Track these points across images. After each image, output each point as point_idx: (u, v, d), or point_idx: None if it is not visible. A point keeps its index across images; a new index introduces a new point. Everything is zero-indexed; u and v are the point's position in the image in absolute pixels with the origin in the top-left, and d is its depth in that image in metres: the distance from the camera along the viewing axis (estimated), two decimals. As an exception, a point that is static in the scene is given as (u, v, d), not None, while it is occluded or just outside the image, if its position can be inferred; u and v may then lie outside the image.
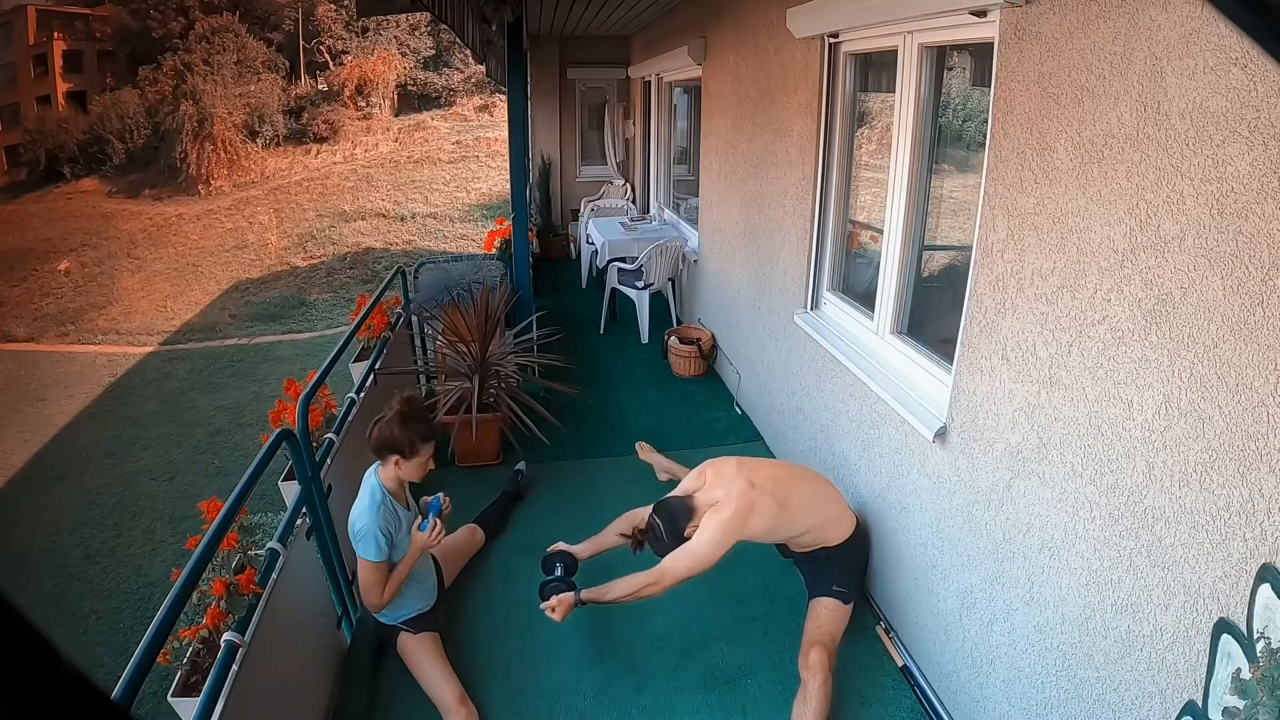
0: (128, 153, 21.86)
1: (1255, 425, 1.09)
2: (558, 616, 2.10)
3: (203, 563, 1.48)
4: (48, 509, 7.69)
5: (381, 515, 2.00)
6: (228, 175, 20.67)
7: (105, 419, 10.30)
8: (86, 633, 5.47)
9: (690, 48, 4.53)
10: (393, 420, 2.01)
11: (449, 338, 3.70)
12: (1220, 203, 1.13)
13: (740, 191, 3.90)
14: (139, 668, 1.18)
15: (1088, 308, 1.43)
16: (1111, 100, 1.33)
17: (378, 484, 2.04)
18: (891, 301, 2.43)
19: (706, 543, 2.06)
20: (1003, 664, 1.76)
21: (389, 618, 2.16)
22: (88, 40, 26.60)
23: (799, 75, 2.96)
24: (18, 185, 23.16)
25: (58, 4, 27.07)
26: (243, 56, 23.20)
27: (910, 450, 2.17)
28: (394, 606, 2.13)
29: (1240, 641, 1.08)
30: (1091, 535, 1.44)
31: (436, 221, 18.28)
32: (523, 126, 4.40)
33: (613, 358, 4.88)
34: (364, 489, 2.05)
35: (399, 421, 2.00)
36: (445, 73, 23.90)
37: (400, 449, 2.01)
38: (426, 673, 2.10)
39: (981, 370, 1.80)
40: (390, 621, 2.17)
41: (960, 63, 2.30)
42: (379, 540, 1.97)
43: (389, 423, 2.01)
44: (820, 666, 2.00)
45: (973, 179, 1.95)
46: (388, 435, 2.00)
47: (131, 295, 16.40)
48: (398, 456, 2.02)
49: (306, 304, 15.24)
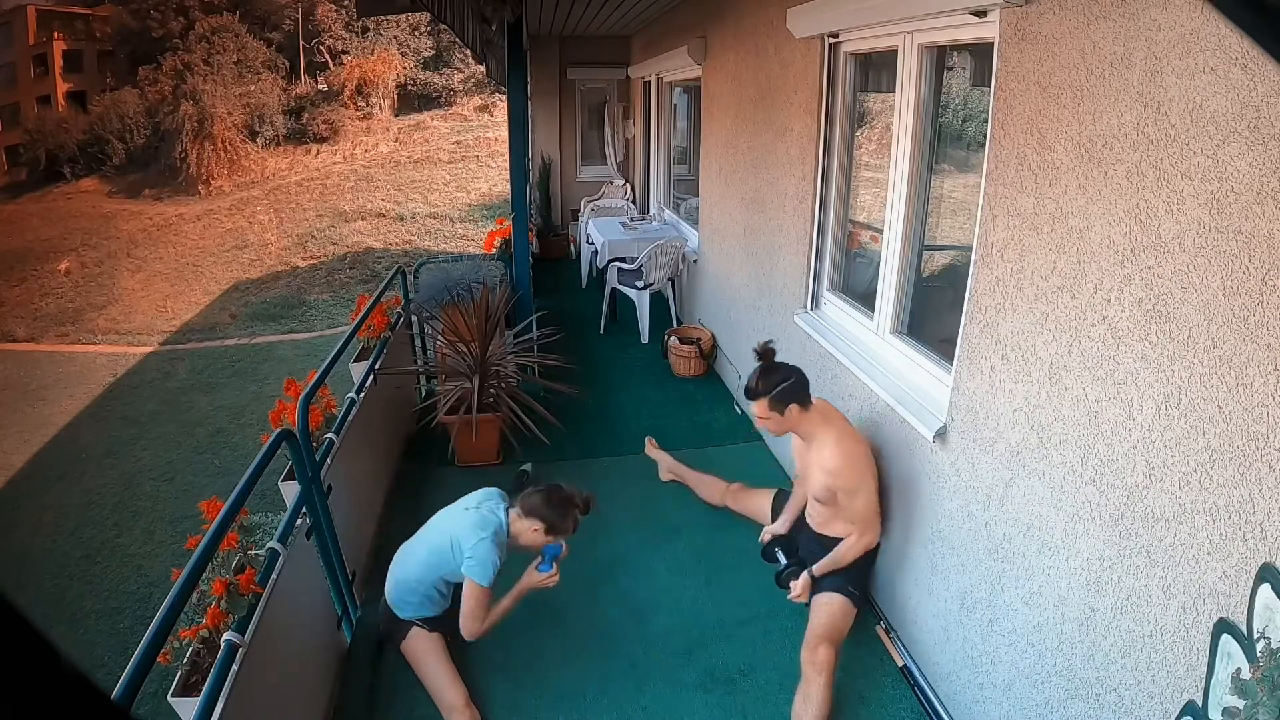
0: (128, 153, 21.85)
1: (1255, 425, 1.09)
2: (805, 599, 2.20)
3: (203, 563, 1.48)
4: (48, 509, 7.68)
5: (500, 548, 2.07)
6: (228, 175, 20.67)
7: (105, 419, 10.29)
8: (86, 633, 5.46)
9: (690, 48, 4.53)
10: (570, 504, 2.10)
11: (449, 338, 3.70)
12: (1220, 203, 1.13)
13: (740, 191, 3.90)
14: (139, 668, 1.18)
15: (1088, 308, 1.43)
16: (1111, 100, 1.33)
17: (505, 522, 2.12)
18: (891, 301, 2.43)
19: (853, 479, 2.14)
20: (1002, 664, 1.76)
21: (408, 613, 2.17)
22: (88, 40, 26.60)
23: (799, 75, 2.96)
24: (18, 185, 23.16)
25: (58, 4, 27.06)
26: (243, 56, 23.20)
27: (910, 450, 2.17)
28: (420, 605, 2.15)
29: (1240, 641, 1.08)
30: (1091, 535, 1.44)
31: (436, 221, 18.28)
32: (523, 126, 4.40)
33: (613, 358, 4.88)
34: (485, 519, 2.10)
35: (576, 511, 2.11)
36: (445, 73, 23.90)
37: (554, 528, 2.10)
38: (433, 672, 2.10)
39: (981, 370, 1.80)
40: (408, 617, 2.17)
41: (960, 63, 2.30)
42: (494, 568, 2.03)
43: (565, 503, 2.10)
44: (827, 664, 2.00)
45: (973, 179, 1.95)
46: (554, 513, 2.08)
47: (131, 295, 16.40)
48: (544, 527, 2.09)
49: (306, 304, 15.23)
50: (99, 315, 15.66)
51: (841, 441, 2.15)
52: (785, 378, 2.16)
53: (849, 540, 2.22)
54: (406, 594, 2.16)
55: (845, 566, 2.22)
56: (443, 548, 2.10)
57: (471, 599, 2.04)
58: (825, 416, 2.22)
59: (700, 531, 2.90)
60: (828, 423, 2.20)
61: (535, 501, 2.11)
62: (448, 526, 2.13)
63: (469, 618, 2.05)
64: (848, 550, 2.22)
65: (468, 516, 2.12)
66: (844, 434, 2.18)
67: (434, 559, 2.12)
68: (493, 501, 2.18)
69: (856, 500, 2.16)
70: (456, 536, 2.08)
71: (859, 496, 2.16)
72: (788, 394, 2.14)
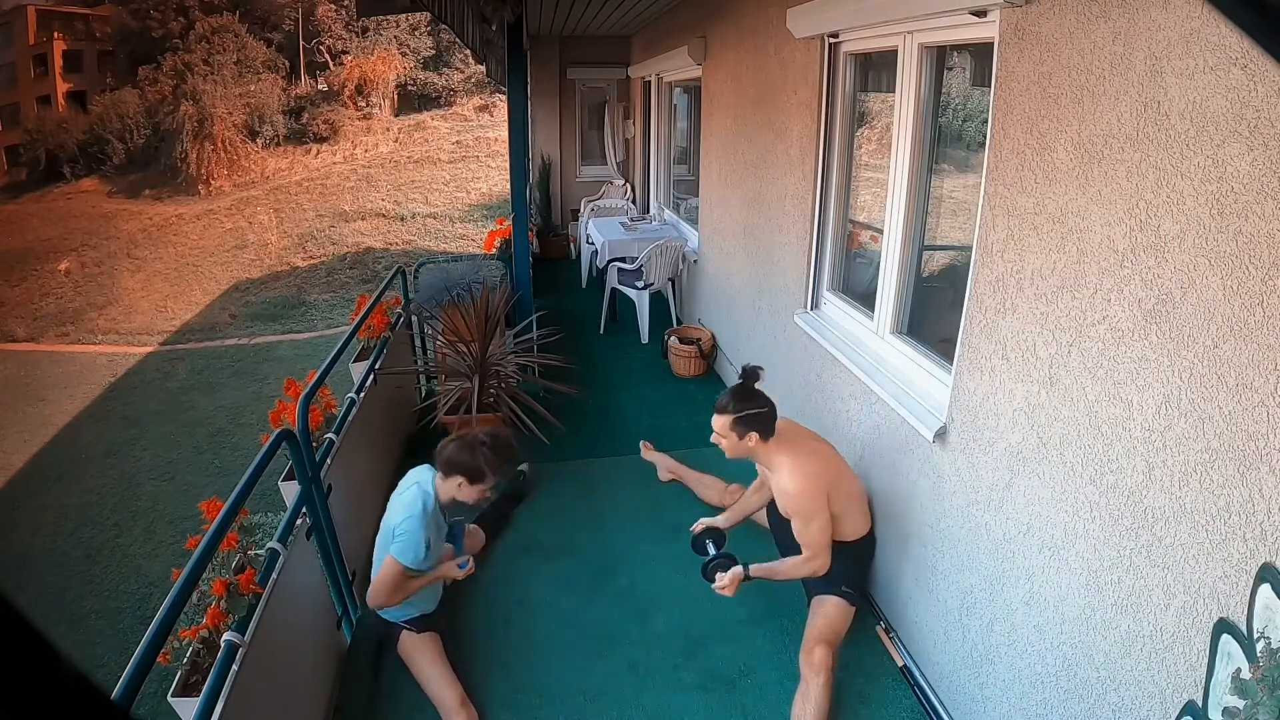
0: (128, 153, 21.85)
1: (1255, 425, 1.09)
2: (730, 592, 2.18)
3: (203, 563, 1.48)
4: (48, 509, 7.68)
5: (428, 523, 2.04)
6: (228, 175, 20.67)
7: (105, 419, 10.29)
8: (86, 633, 5.46)
9: (690, 48, 4.53)
10: (475, 446, 2.05)
11: (449, 338, 3.70)
12: (1220, 203, 1.13)
13: (740, 191, 3.90)
14: (139, 668, 1.18)
15: (1088, 308, 1.43)
16: (1111, 100, 1.33)
17: (432, 492, 2.07)
18: (891, 301, 2.43)
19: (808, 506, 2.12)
20: (1003, 664, 1.76)
21: (393, 615, 2.17)
22: (88, 40, 26.60)
23: (799, 75, 2.96)
24: (18, 185, 23.16)
25: (58, 4, 27.06)
26: (243, 56, 23.20)
27: (910, 450, 2.17)
28: (401, 605, 2.13)
29: (1240, 641, 1.08)
30: (1091, 535, 1.44)
31: (436, 221, 18.27)
32: (523, 126, 4.40)
33: (613, 358, 4.88)
34: (413, 493, 2.07)
35: (484, 450, 2.05)
36: (445, 73, 23.90)
37: (473, 473, 2.05)
38: (427, 674, 2.10)
39: (981, 370, 1.80)
40: (393, 619, 2.17)
41: (960, 63, 2.30)
42: (419, 546, 2.00)
43: (471, 446, 2.05)
44: (824, 665, 2.00)
45: (973, 179, 1.95)
46: (465, 458, 2.04)
47: (131, 295, 16.40)
48: (465, 479, 2.05)
49: (306, 304, 15.23)
50: (99, 315, 15.66)
51: (795, 467, 2.12)
52: (756, 406, 2.14)
53: (795, 559, 2.18)
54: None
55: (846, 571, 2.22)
56: (385, 540, 2.09)
57: (385, 572, 2.02)
58: (788, 441, 2.19)
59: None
60: (788, 447, 2.17)
61: (448, 455, 2.07)
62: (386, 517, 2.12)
63: (379, 590, 2.03)
64: (790, 567, 2.19)
65: (397, 500, 2.09)
66: (799, 459, 2.15)
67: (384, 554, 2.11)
68: (420, 474, 2.14)
69: (810, 526, 2.12)
70: (388, 522, 2.07)
71: (812, 522, 2.12)
72: (751, 421, 2.13)
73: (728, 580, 2.18)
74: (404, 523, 2.02)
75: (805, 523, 2.13)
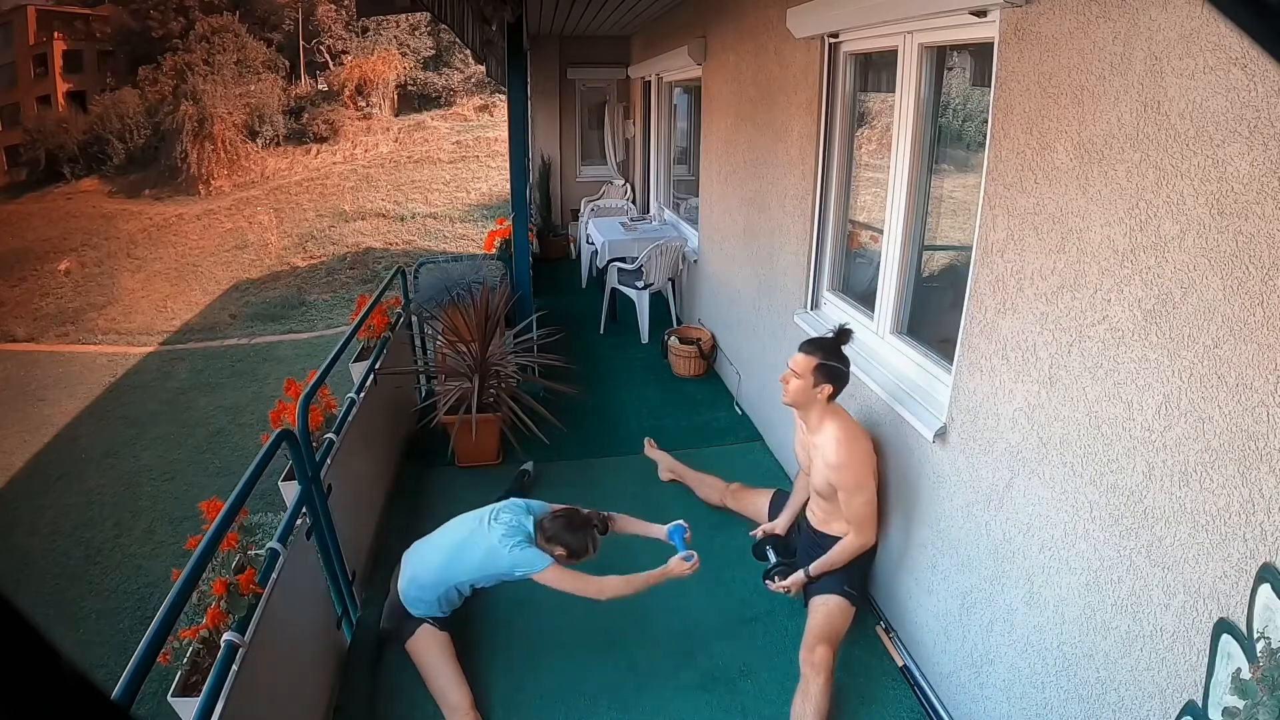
0: (128, 153, 21.86)
1: (1255, 425, 1.09)
2: (795, 593, 2.26)
3: (203, 563, 1.48)
4: (48, 509, 7.68)
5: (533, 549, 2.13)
6: (228, 175, 20.67)
7: (105, 419, 10.30)
8: (86, 633, 5.47)
9: (690, 48, 4.53)
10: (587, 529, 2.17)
11: (449, 338, 3.70)
12: (1220, 203, 1.13)
13: (740, 191, 3.89)
14: (139, 668, 1.18)
15: (1088, 308, 1.43)
16: (1111, 100, 1.33)
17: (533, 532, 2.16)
18: (891, 301, 2.43)
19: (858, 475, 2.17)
20: (1003, 664, 1.76)
21: (420, 610, 2.17)
22: (88, 40, 26.60)
23: (799, 75, 2.96)
24: (18, 185, 23.17)
25: (58, 4, 27.06)
26: (243, 56, 23.20)
27: (910, 450, 2.17)
28: (434, 605, 2.16)
29: (1240, 641, 1.08)
30: (1091, 535, 1.44)
31: (436, 221, 18.28)
32: (523, 126, 4.40)
33: (613, 358, 4.88)
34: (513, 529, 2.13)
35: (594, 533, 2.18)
36: (445, 73, 23.91)
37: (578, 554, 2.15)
38: (438, 672, 2.09)
39: (981, 370, 1.80)
40: (420, 614, 2.17)
41: (960, 63, 2.30)
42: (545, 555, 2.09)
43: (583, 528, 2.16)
44: (825, 665, 2.00)
45: (973, 179, 1.95)
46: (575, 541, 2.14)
47: (131, 295, 16.40)
48: (567, 553, 2.14)
49: (306, 304, 15.23)
50: (99, 315, 15.67)
51: (845, 436, 2.16)
52: (842, 361, 2.19)
53: (845, 540, 2.22)
54: (423, 592, 2.16)
55: (840, 567, 2.23)
56: (471, 558, 2.12)
57: (566, 583, 2.09)
58: (835, 413, 2.24)
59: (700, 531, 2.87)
60: (845, 418, 2.22)
61: (557, 528, 2.16)
62: (481, 540, 2.13)
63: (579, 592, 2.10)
64: (842, 551, 2.22)
65: (496, 530, 2.13)
66: (849, 430, 2.19)
67: (457, 565, 2.13)
68: (520, 514, 2.21)
69: (856, 499, 2.16)
70: (493, 548, 2.10)
71: (859, 495, 2.16)
72: (833, 375, 2.16)
73: (789, 583, 2.24)
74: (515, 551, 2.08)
75: (852, 495, 2.16)
